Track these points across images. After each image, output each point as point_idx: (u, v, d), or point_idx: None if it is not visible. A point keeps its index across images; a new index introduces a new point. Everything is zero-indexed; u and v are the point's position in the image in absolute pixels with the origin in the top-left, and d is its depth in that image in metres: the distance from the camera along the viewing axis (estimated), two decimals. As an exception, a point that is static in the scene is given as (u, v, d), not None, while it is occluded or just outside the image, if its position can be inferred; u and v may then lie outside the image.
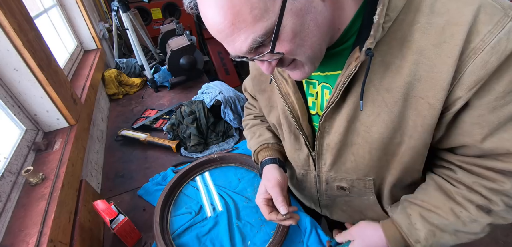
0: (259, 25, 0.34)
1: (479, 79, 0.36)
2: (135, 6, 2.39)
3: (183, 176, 0.87)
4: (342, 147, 0.52)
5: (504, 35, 0.34)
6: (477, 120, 0.39)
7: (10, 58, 0.74)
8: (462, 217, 0.45)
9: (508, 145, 0.39)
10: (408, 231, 0.48)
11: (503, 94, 0.36)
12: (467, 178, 0.45)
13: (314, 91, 0.53)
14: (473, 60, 0.35)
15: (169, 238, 0.71)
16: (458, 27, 0.35)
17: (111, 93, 1.52)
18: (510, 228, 1.71)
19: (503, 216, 0.43)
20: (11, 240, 0.57)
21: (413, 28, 0.38)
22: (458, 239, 0.47)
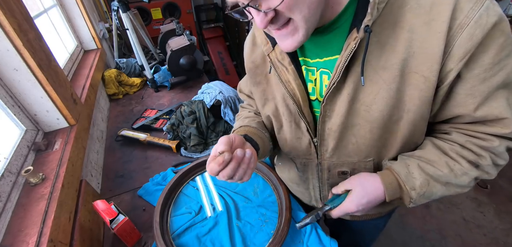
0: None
1: (467, 51, 0.40)
2: (135, 6, 2.39)
3: (183, 176, 0.87)
4: (344, 129, 0.53)
5: (484, 11, 0.38)
6: (470, 91, 0.44)
7: (10, 58, 0.74)
8: (455, 170, 0.49)
9: (497, 112, 0.44)
10: (406, 178, 0.51)
11: (491, 65, 0.41)
12: (460, 138, 0.49)
13: (313, 78, 0.55)
14: (460, 34, 0.39)
15: (169, 238, 0.71)
16: (444, 6, 0.40)
17: (111, 93, 1.52)
18: (510, 228, 1.71)
19: (488, 171, 0.49)
20: (11, 240, 0.57)
21: (404, 10, 0.42)
22: (447, 191, 0.51)
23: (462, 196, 1.92)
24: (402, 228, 1.75)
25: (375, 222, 0.76)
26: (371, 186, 0.54)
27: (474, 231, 1.71)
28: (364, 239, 0.86)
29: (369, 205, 0.54)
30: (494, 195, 1.93)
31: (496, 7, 0.39)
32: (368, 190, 0.53)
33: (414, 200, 0.51)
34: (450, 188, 0.51)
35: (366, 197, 0.53)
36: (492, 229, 1.72)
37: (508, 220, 1.76)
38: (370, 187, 0.54)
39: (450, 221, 1.78)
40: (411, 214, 1.83)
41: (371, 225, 0.78)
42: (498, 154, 0.48)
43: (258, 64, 0.63)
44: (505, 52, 0.40)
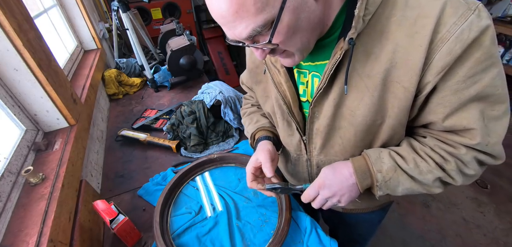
0: (260, 17, 0.39)
1: (446, 65, 0.41)
2: (135, 6, 2.39)
3: (183, 176, 0.87)
4: (330, 130, 0.57)
5: (466, 26, 0.39)
6: (441, 100, 0.46)
7: (10, 58, 0.74)
8: (420, 167, 0.52)
9: (465, 122, 0.46)
10: (375, 161, 0.54)
11: (464, 78, 0.42)
12: (431, 142, 0.52)
13: (305, 80, 0.58)
14: (441, 48, 0.41)
15: (169, 238, 0.71)
16: (428, 19, 0.41)
17: (111, 93, 1.52)
18: (510, 228, 1.71)
19: (453, 176, 0.51)
20: (11, 240, 0.57)
21: (390, 21, 0.43)
22: (413, 185, 0.53)
23: (462, 196, 1.92)
24: (402, 228, 1.75)
25: (368, 216, 0.77)
26: (340, 167, 0.57)
27: (474, 231, 1.71)
28: (360, 233, 0.88)
29: (338, 182, 0.56)
30: (494, 195, 1.93)
31: (482, 21, 0.39)
32: (336, 170, 0.57)
33: (380, 184, 0.54)
34: (416, 184, 0.53)
35: (331, 173, 0.57)
36: (492, 229, 1.72)
37: (508, 220, 1.76)
38: (338, 166, 0.57)
39: (450, 221, 1.78)
40: (411, 214, 1.83)
41: (364, 218, 0.79)
42: (465, 162, 0.49)
43: (257, 64, 0.68)
44: (481, 66, 0.41)
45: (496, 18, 2.84)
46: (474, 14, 0.39)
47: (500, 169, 2.12)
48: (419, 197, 1.94)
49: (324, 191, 0.58)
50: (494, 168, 2.12)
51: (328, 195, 0.57)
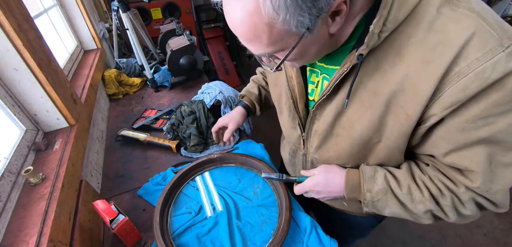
0: (272, 48, 0.41)
1: (456, 102, 0.38)
2: (135, 6, 2.39)
3: (183, 176, 0.87)
4: (328, 135, 0.58)
5: (490, 65, 0.35)
6: (445, 135, 0.43)
7: (10, 58, 0.74)
8: (413, 195, 0.50)
9: (466, 163, 0.43)
10: (367, 179, 0.53)
11: (475, 118, 0.38)
12: (432, 171, 0.50)
13: (316, 80, 0.58)
14: (455, 83, 0.37)
15: (169, 238, 0.71)
16: (448, 49, 0.37)
17: (111, 93, 1.52)
18: (510, 228, 1.71)
19: (446, 212, 0.48)
20: (11, 240, 0.57)
21: (410, 41, 0.40)
22: (402, 211, 0.52)
23: (462, 196, 1.93)
24: (402, 228, 1.75)
25: (360, 219, 0.78)
26: (334, 175, 0.59)
27: (474, 231, 1.71)
28: (353, 231, 0.88)
29: (327, 190, 0.59)
30: (494, 195, 1.93)
31: (510, 62, 0.35)
32: (328, 178, 0.59)
33: (367, 203, 0.54)
34: (405, 211, 0.52)
35: (324, 182, 0.59)
36: (492, 229, 1.72)
37: (508, 220, 1.76)
38: (332, 175, 0.59)
39: (450, 221, 1.78)
40: (411, 214, 1.83)
41: (357, 221, 0.80)
42: (462, 201, 0.47)
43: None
44: (498, 110, 0.37)
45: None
46: (504, 52, 0.34)
47: (500, 169, 2.12)
48: (419, 197, 1.94)
49: (312, 193, 0.63)
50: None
51: (315, 196, 0.64)
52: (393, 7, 0.38)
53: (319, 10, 0.36)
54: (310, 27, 0.38)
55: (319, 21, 0.38)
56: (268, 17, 0.36)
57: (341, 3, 0.37)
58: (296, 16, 0.35)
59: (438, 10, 0.38)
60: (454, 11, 0.38)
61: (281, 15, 0.35)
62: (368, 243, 1.67)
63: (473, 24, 0.36)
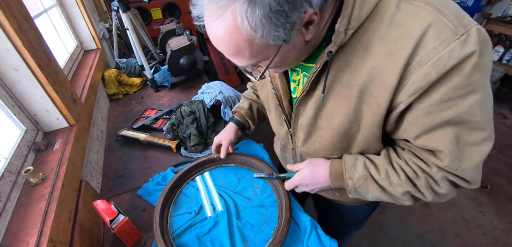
0: (253, 60, 0.45)
1: (419, 88, 0.42)
2: (135, 6, 2.39)
3: (183, 176, 0.87)
4: (311, 128, 0.61)
5: (446, 53, 0.38)
6: (414, 120, 0.47)
7: (10, 58, 0.74)
8: (391, 179, 0.54)
9: (435, 144, 0.47)
10: (348, 168, 0.58)
11: (438, 102, 0.42)
12: (407, 155, 0.54)
13: (297, 78, 0.61)
14: (417, 72, 0.40)
15: (169, 238, 0.71)
16: (408, 41, 0.40)
17: (111, 93, 1.52)
18: (510, 228, 1.71)
19: (422, 191, 0.52)
20: (11, 240, 0.57)
21: (375, 36, 0.43)
22: (383, 195, 0.56)
23: (462, 196, 1.92)
24: (402, 228, 1.75)
25: (353, 208, 0.82)
26: (319, 167, 0.63)
27: (474, 231, 1.71)
28: (347, 222, 0.91)
29: (314, 182, 0.64)
30: (494, 195, 1.93)
31: (466, 48, 0.38)
32: (314, 170, 0.64)
33: (350, 190, 0.59)
34: (386, 194, 0.56)
35: (310, 175, 0.64)
36: (492, 229, 1.72)
37: (508, 220, 1.76)
38: (317, 167, 0.64)
39: (450, 221, 1.78)
40: (411, 214, 1.83)
41: (350, 210, 0.83)
42: (436, 181, 0.50)
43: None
44: (457, 93, 0.40)
45: (496, 18, 2.84)
46: (458, 40, 0.38)
47: (500, 169, 2.12)
48: (419, 197, 1.94)
49: (302, 187, 0.68)
50: (494, 168, 2.12)
51: (305, 189, 0.69)
52: (355, 7, 0.41)
53: (292, 24, 0.39)
54: (286, 39, 0.41)
55: (294, 32, 0.41)
56: (247, 35, 0.39)
57: (312, 14, 0.40)
58: (272, 31, 0.39)
59: (397, 5, 0.42)
60: (411, 5, 0.41)
61: (258, 32, 0.39)
62: (368, 243, 1.67)
63: (429, 16, 0.39)
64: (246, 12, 0.37)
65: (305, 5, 0.38)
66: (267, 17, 0.37)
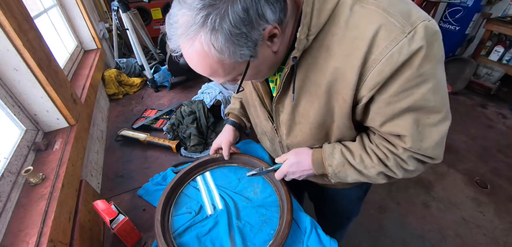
0: (228, 77, 0.50)
1: (377, 83, 0.47)
2: (135, 6, 2.39)
3: (185, 176, 0.87)
4: (292, 123, 0.67)
5: (396, 50, 0.43)
6: (378, 111, 0.52)
7: (10, 58, 0.74)
8: (365, 162, 0.60)
9: (398, 129, 0.52)
10: (327, 156, 0.65)
11: (396, 93, 0.47)
12: (377, 140, 0.60)
13: (274, 78, 0.66)
14: (373, 68, 0.45)
15: (170, 236, 0.71)
16: (362, 42, 0.45)
17: (111, 93, 1.52)
18: (510, 228, 1.71)
19: (393, 170, 0.59)
20: (11, 240, 0.57)
21: (334, 39, 0.48)
22: (361, 177, 0.63)
23: (462, 196, 1.92)
24: (402, 228, 1.75)
25: (345, 191, 0.88)
26: (303, 156, 0.70)
27: (474, 231, 1.72)
28: (343, 208, 0.97)
29: (300, 170, 0.71)
30: (494, 195, 1.93)
31: (413, 44, 0.42)
32: (299, 159, 0.70)
33: (331, 175, 0.66)
34: (362, 176, 0.63)
35: (296, 164, 0.71)
36: (492, 229, 1.72)
37: (508, 220, 1.77)
38: (301, 157, 0.70)
39: (450, 221, 1.78)
40: (411, 214, 1.83)
41: (343, 194, 0.90)
42: (403, 159, 0.56)
43: None
44: (411, 84, 0.45)
45: (496, 18, 2.84)
46: (406, 37, 0.42)
47: (500, 169, 2.12)
48: (419, 197, 1.94)
49: (289, 175, 0.75)
50: (494, 168, 2.13)
51: (292, 177, 0.75)
52: (313, 15, 0.46)
53: (254, 41, 0.44)
54: (253, 55, 0.46)
55: (258, 47, 0.46)
56: (216, 57, 0.44)
57: (272, 29, 0.44)
58: (237, 51, 0.44)
59: (351, 9, 0.46)
60: (363, 8, 0.45)
61: (225, 54, 0.44)
62: (368, 243, 1.67)
63: (379, 18, 0.44)
64: (210, 40, 0.42)
65: (263, 23, 0.43)
66: (229, 40, 0.42)
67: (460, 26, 3.06)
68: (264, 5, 0.41)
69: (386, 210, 1.85)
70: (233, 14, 0.40)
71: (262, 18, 0.42)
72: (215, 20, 0.40)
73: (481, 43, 2.99)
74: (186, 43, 0.44)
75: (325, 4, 0.46)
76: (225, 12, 0.40)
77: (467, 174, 2.09)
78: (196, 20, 0.40)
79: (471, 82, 2.99)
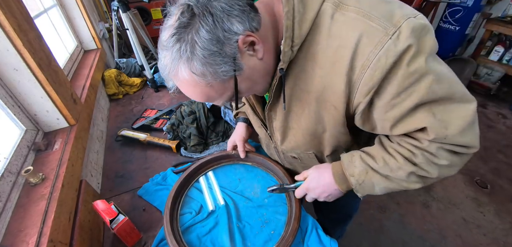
0: (224, 96, 0.52)
1: (371, 88, 0.46)
2: (135, 6, 2.39)
3: (194, 172, 0.87)
4: (285, 129, 0.66)
5: (383, 54, 0.42)
6: (384, 116, 0.50)
7: (10, 58, 0.74)
8: (390, 164, 0.55)
9: (415, 125, 0.48)
10: (347, 166, 0.60)
11: (396, 94, 0.46)
12: (397, 138, 0.55)
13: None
14: (364, 75, 0.45)
15: (179, 234, 0.71)
16: (346, 50, 0.45)
17: (111, 93, 1.52)
18: (510, 228, 1.71)
19: (424, 168, 0.53)
20: (11, 240, 0.57)
21: (318, 48, 0.48)
22: (390, 183, 0.57)
23: (462, 196, 1.92)
24: (402, 228, 1.75)
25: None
26: (323, 170, 0.67)
27: (474, 231, 1.71)
28: (342, 202, 0.88)
29: (321, 185, 0.67)
30: (494, 195, 1.93)
31: (399, 45, 0.41)
32: (319, 173, 0.67)
33: (355, 187, 0.60)
34: (392, 182, 0.57)
35: (316, 178, 0.67)
36: (492, 229, 1.72)
37: (508, 220, 1.76)
38: (322, 170, 0.67)
39: (450, 221, 1.78)
40: (411, 214, 1.83)
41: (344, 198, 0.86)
42: (432, 153, 0.51)
43: None
44: (409, 81, 0.44)
45: (496, 18, 2.84)
46: (391, 39, 0.41)
47: (500, 169, 2.12)
48: (419, 197, 1.94)
49: (310, 193, 0.70)
50: (494, 168, 2.12)
51: (314, 195, 0.69)
52: (295, 27, 0.46)
53: (231, 56, 0.45)
54: (235, 68, 0.47)
55: (239, 59, 0.47)
56: (203, 82, 0.47)
57: (245, 38, 0.45)
58: (217, 70, 0.45)
59: (332, 17, 0.46)
60: (344, 16, 0.45)
61: (208, 76, 0.45)
62: (368, 243, 1.67)
63: (360, 25, 0.44)
64: (190, 68, 0.45)
65: (232, 36, 0.44)
66: (205, 63, 0.44)
67: (460, 26, 3.06)
68: (229, 20, 0.44)
69: (386, 210, 1.85)
70: (200, 39, 0.43)
71: (230, 32, 0.44)
72: (186, 50, 0.44)
73: (481, 43, 2.99)
74: (175, 78, 0.48)
75: (305, 15, 0.47)
76: (192, 40, 0.43)
77: (467, 174, 2.08)
78: (173, 56, 0.45)
79: (471, 82, 2.99)
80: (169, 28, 0.46)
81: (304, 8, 0.47)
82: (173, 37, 0.44)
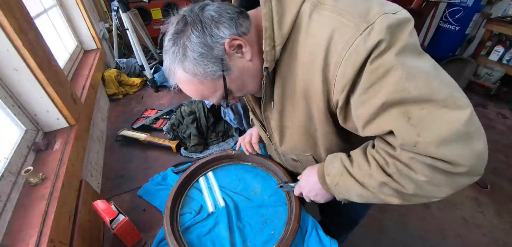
0: (217, 94, 0.56)
1: (345, 85, 0.46)
2: (135, 6, 2.39)
3: (194, 172, 0.87)
4: (282, 129, 0.67)
5: (354, 50, 0.43)
6: (356, 113, 0.49)
7: (10, 58, 0.74)
8: (363, 169, 0.52)
9: (384, 126, 0.45)
10: (327, 165, 0.60)
11: (364, 91, 0.44)
12: (377, 142, 0.52)
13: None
14: (338, 72, 0.45)
15: (179, 233, 0.71)
16: (320, 47, 0.46)
17: (111, 93, 1.52)
18: (510, 228, 1.71)
19: (397, 179, 0.47)
20: (11, 240, 0.57)
21: (299, 47, 0.50)
22: (364, 190, 0.53)
23: (462, 196, 1.92)
24: (402, 228, 1.75)
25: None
26: (312, 172, 0.67)
27: (474, 231, 1.71)
28: (349, 209, 0.85)
29: (310, 184, 0.67)
30: (494, 195, 1.93)
31: (369, 41, 0.41)
32: (309, 172, 0.68)
33: (330, 187, 0.59)
34: (367, 190, 0.52)
35: (305, 179, 0.69)
36: (492, 229, 1.72)
37: (508, 220, 1.76)
38: (311, 170, 0.68)
39: (450, 221, 1.78)
40: (411, 214, 1.83)
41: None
42: (404, 163, 0.45)
43: None
44: (375, 75, 0.42)
45: (496, 18, 2.84)
46: (361, 35, 0.42)
47: (500, 169, 2.12)
48: (419, 197, 1.94)
49: (303, 191, 0.71)
50: (494, 168, 2.12)
51: (304, 194, 0.71)
52: (274, 28, 0.49)
53: (218, 57, 0.50)
54: (224, 69, 0.51)
55: (228, 61, 0.51)
56: (196, 80, 0.52)
57: (231, 41, 0.50)
58: (206, 69, 0.50)
59: (310, 16, 0.48)
60: (320, 15, 0.47)
61: (198, 75, 0.51)
62: (368, 243, 1.67)
63: (332, 22, 0.45)
64: (183, 68, 0.51)
65: (219, 39, 0.49)
66: (196, 64, 0.50)
67: (460, 26, 3.06)
68: (217, 26, 0.50)
69: (386, 210, 1.85)
70: (190, 43, 0.49)
71: (216, 37, 0.50)
72: (179, 52, 0.51)
73: (481, 43, 2.98)
74: (173, 76, 0.55)
75: (284, 17, 0.49)
76: (184, 44, 0.50)
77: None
78: (170, 58, 0.52)
79: (471, 82, 2.99)
80: (168, 35, 0.52)
81: (282, 9, 0.49)
82: (170, 42, 0.52)
